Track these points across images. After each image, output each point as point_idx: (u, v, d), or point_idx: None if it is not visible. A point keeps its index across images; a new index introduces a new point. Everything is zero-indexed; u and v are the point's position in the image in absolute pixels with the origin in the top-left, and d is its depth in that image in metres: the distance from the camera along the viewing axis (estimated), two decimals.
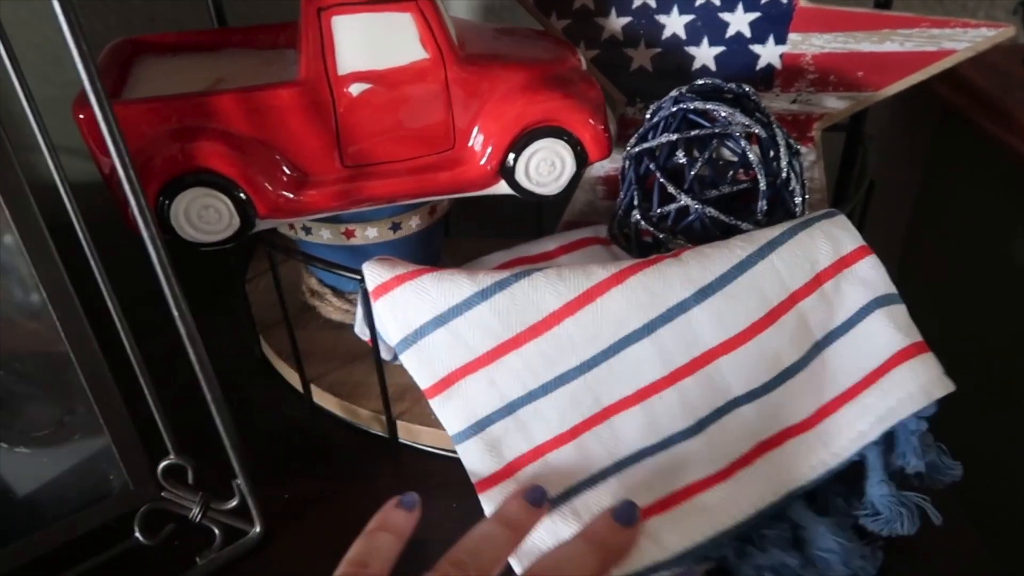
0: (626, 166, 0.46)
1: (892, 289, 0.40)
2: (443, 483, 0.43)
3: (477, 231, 0.62)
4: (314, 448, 0.47)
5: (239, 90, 0.40)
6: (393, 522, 0.34)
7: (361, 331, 0.43)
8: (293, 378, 0.50)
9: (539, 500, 0.35)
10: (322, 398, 0.48)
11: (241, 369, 0.53)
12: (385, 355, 0.42)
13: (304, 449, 0.47)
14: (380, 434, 0.47)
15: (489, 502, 0.38)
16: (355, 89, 0.40)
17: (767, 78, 0.50)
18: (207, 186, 0.40)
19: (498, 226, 0.59)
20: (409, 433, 0.46)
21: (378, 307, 0.38)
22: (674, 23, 0.50)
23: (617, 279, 0.37)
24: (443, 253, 0.55)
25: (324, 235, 0.47)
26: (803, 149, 0.50)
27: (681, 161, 0.42)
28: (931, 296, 0.81)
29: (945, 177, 0.77)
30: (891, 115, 0.77)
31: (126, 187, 0.34)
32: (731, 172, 0.41)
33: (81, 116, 0.38)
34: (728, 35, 0.50)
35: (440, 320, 0.37)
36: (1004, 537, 0.74)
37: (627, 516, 0.34)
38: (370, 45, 0.40)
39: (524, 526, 0.34)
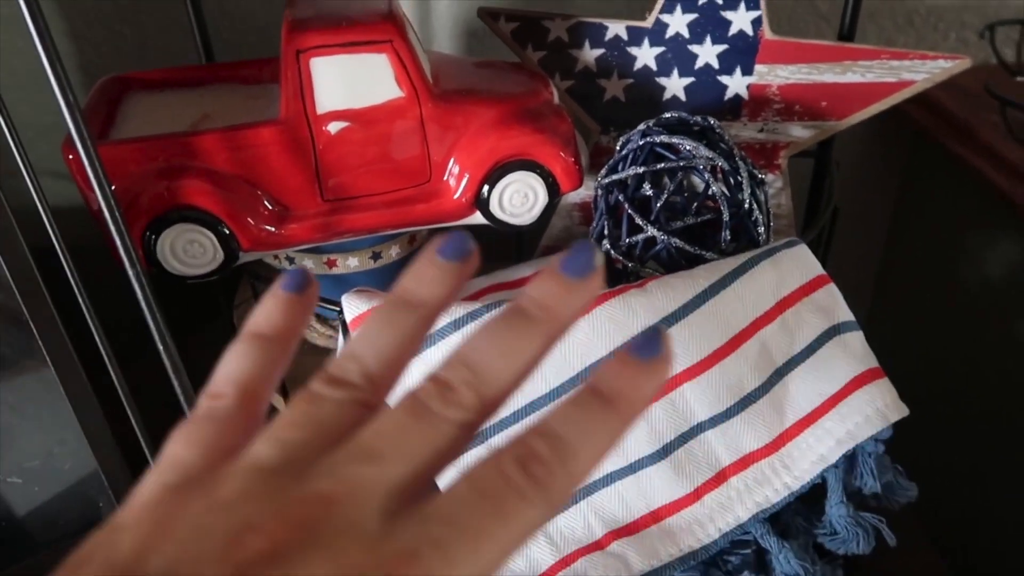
0: (597, 195, 0.47)
1: (850, 316, 0.41)
2: None
3: None
4: None
5: (222, 130, 0.42)
6: (274, 322, 0.24)
7: None
8: (279, 402, 0.51)
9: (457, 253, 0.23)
10: None
11: None
12: None
13: None
14: None
15: None
16: (333, 127, 0.42)
17: (735, 108, 0.52)
18: (192, 222, 0.41)
19: (480, 252, 0.61)
20: None
21: None
22: (645, 55, 0.52)
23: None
24: None
25: (307, 265, 0.48)
26: (770, 177, 0.52)
27: (648, 193, 0.44)
28: (906, 319, 0.83)
29: (918, 200, 0.79)
30: (865, 138, 0.78)
31: (111, 227, 0.35)
32: (696, 203, 0.43)
33: (70, 156, 0.40)
34: (697, 66, 0.52)
35: None
36: (963, 553, 0.75)
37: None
38: (347, 85, 0.41)
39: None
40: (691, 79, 0.52)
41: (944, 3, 0.71)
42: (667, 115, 0.45)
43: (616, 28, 0.52)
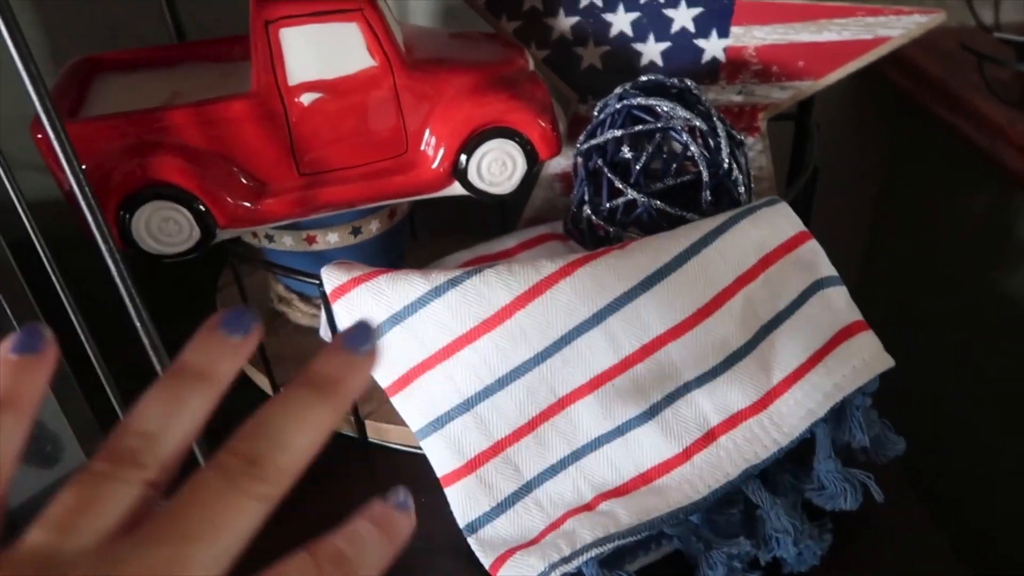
0: (577, 162, 0.47)
1: (833, 272, 0.41)
2: (412, 478, 0.44)
3: (443, 232, 0.63)
4: None
5: (193, 104, 0.41)
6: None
7: (325, 334, 0.44)
8: (265, 383, 0.51)
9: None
10: None
11: None
12: None
13: None
14: (350, 434, 0.48)
15: (455, 496, 0.39)
16: (306, 99, 0.41)
17: (713, 71, 0.52)
18: (166, 199, 0.41)
19: (463, 226, 0.61)
20: (378, 432, 0.47)
21: (337, 309, 0.39)
22: (621, 21, 0.52)
23: (565, 272, 0.38)
24: (408, 255, 0.56)
25: (287, 242, 0.48)
26: (750, 139, 0.51)
27: (627, 156, 0.43)
28: (896, 283, 0.83)
29: (904, 164, 0.79)
30: (849, 105, 0.78)
31: (82, 204, 0.35)
32: (675, 165, 0.43)
33: (39, 136, 0.39)
34: (673, 31, 0.51)
35: (396, 319, 0.38)
36: (950, 508, 0.76)
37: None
38: (318, 55, 0.41)
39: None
40: (668, 44, 0.52)
41: None
42: (644, 78, 0.45)
43: None
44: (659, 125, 0.42)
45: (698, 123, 0.42)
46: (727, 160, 0.42)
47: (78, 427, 0.40)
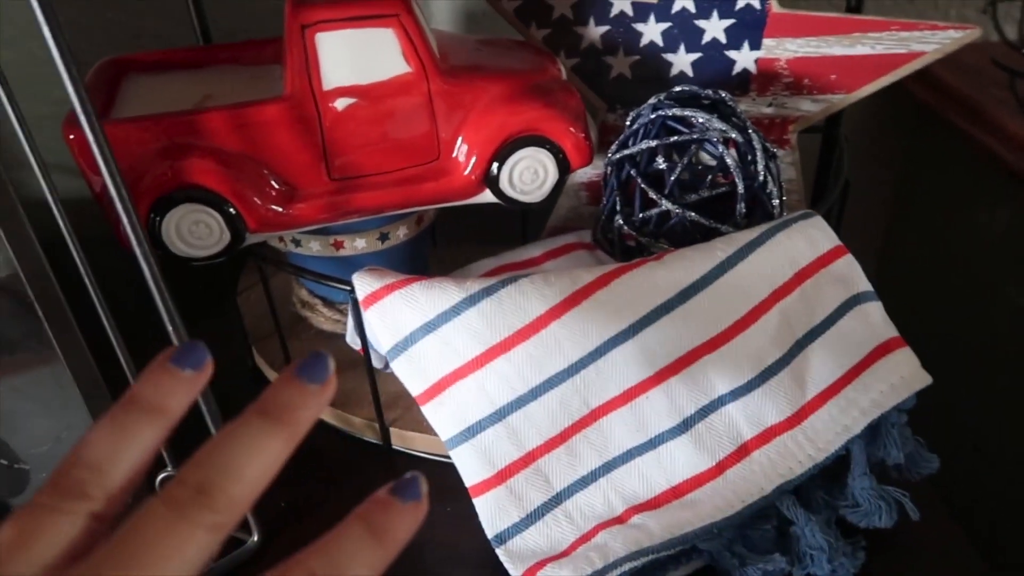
0: (608, 172, 0.47)
1: (868, 287, 0.41)
2: (437, 487, 0.43)
3: (463, 239, 0.63)
4: (309, 457, 0.47)
5: (227, 107, 0.41)
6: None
7: (352, 340, 0.44)
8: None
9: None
10: None
11: (234, 380, 0.53)
12: (377, 363, 0.43)
13: (299, 458, 0.47)
14: (374, 441, 0.47)
15: (483, 506, 0.38)
16: (340, 104, 0.41)
17: (743, 83, 0.51)
18: (197, 202, 0.40)
19: (484, 233, 0.60)
20: (402, 439, 0.47)
21: (368, 316, 0.39)
22: (651, 31, 0.51)
23: (601, 282, 0.38)
24: (431, 262, 0.56)
25: (313, 247, 0.48)
26: (780, 151, 0.51)
27: (661, 167, 0.43)
28: (910, 294, 0.82)
29: (922, 176, 0.79)
30: (868, 116, 0.78)
31: (118, 205, 0.35)
32: (710, 176, 0.42)
33: (72, 136, 0.39)
34: (704, 41, 0.51)
35: (429, 327, 0.38)
36: (986, 527, 0.75)
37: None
38: (354, 60, 0.41)
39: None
40: (698, 54, 0.51)
41: None
42: (678, 88, 0.45)
43: (621, 4, 0.51)
44: (695, 136, 0.42)
45: (734, 135, 0.42)
46: (762, 172, 0.42)
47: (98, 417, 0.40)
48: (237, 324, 0.54)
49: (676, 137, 0.42)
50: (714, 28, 0.51)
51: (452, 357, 0.38)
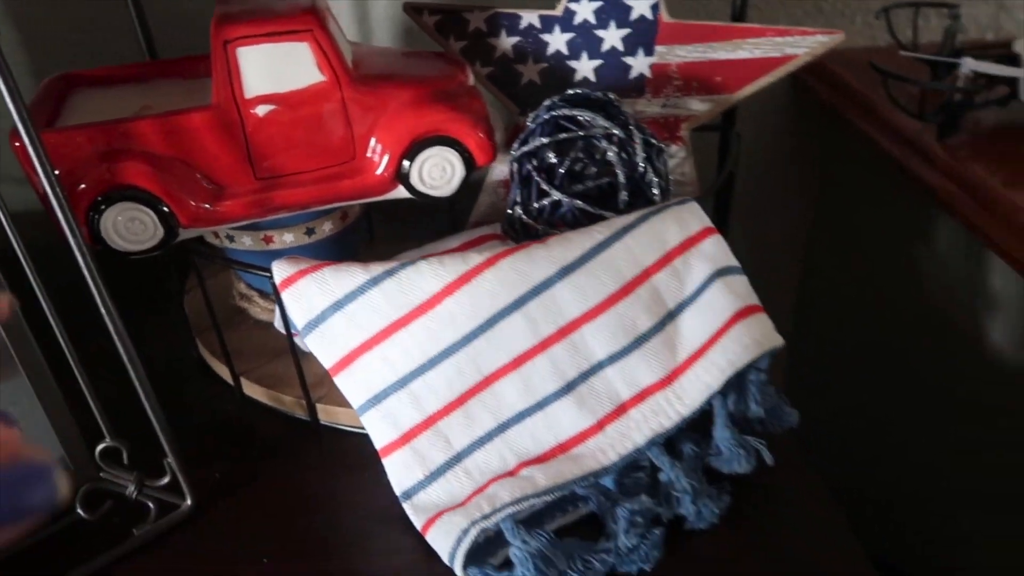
0: (513, 168, 0.51)
1: (735, 262, 0.46)
2: (359, 455, 0.48)
3: (401, 237, 0.68)
4: (244, 434, 0.52)
5: (158, 115, 0.45)
6: None
7: (279, 325, 0.48)
8: (226, 373, 0.55)
9: None
10: (251, 390, 0.53)
11: (181, 370, 0.58)
12: (302, 345, 0.48)
13: (235, 435, 0.52)
14: (303, 418, 0.52)
15: (391, 466, 0.43)
16: (261, 110, 0.46)
17: (639, 86, 0.56)
18: (132, 201, 0.45)
19: (418, 232, 0.65)
20: (328, 415, 0.51)
21: (285, 297, 0.43)
22: (557, 40, 0.56)
23: (490, 262, 0.43)
24: (370, 258, 0.60)
25: (246, 242, 0.52)
26: (673, 147, 0.56)
27: (553, 161, 0.48)
28: (832, 290, 0.88)
29: (835, 175, 0.84)
30: (786, 117, 0.83)
31: (54, 203, 0.39)
32: (595, 169, 0.47)
33: (16, 144, 0.44)
34: (604, 49, 0.56)
35: (338, 305, 0.42)
36: (841, 474, 0.81)
37: None
38: (272, 71, 0.45)
39: None
40: (599, 61, 0.57)
41: None
42: (570, 91, 0.50)
43: (529, 17, 0.56)
44: (581, 133, 0.47)
45: (616, 131, 0.47)
46: (642, 164, 0.47)
47: (46, 401, 0.44)
48: (184, 319, 0.58)
49: (564, 134, 0.47)
50: (612, 37, 0.56)
51: (358, 332, 0.42)
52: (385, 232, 0.68)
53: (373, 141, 0.49)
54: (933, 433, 0.74)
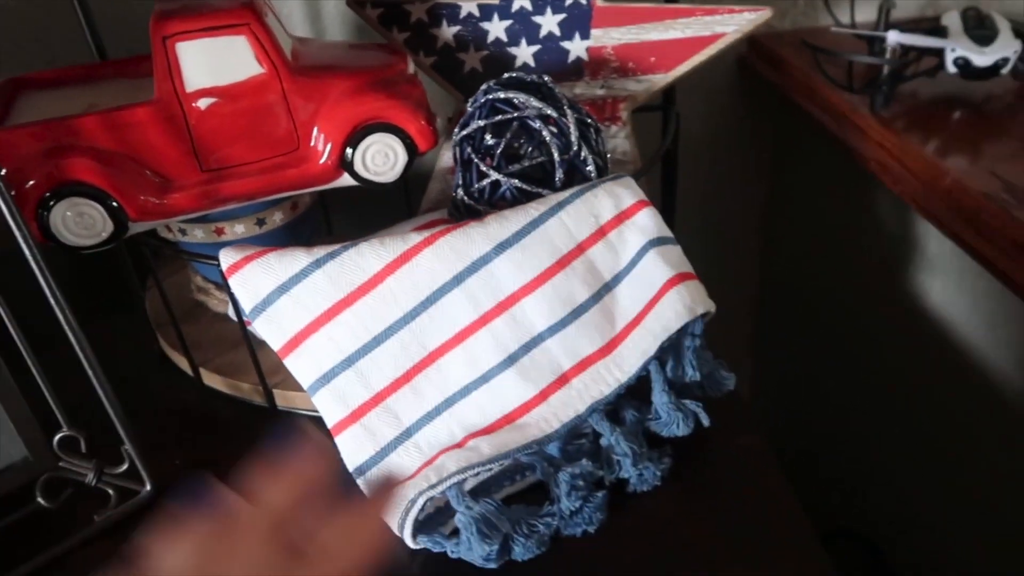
0: (455, 152, 0.53)
1: (668, 233, 0.47)
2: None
3: (358, 227, 0.69)
4: (204, 421, 0.53)
5: (102, 111, 0.46)
6: None
7: (232, 314, 0.49)
8: (185, 364, 0.56)
9: None
10: (211, 379, 0.55)
11: (143, 364, 0.59)
12: (255, 331, 0.49)
13: (195, 423, 0.53)
14: (261, 403, 0.53)
15: (343, 444, 0.44)
16: (203, 103, 0.47)
17: (578, 69, 0.58)
18: (80, 196, 0.46)
19: (376, 222, 0.67)
20: (285, 399, 0.52)
21: (232, 283, 0.44)
22: (496, 28, 0.58)
23: (428, 241, 0.44)
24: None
25: (198, 234, 0.53)
26: (613, 127, 0.58)
27: (490, 143, 0.49)
28: (793, 267, 0.90)
29: (787, 155, 0.86)
30: (735, 100, 0.85)
31: (1, 203, 0.40)
32: (531, 148, 0.49)
33: None
34: (542, 35, 0.58)
35: (283, 288, 0.44)
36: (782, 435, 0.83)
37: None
38: (211, 65, 0.47)
39: None
40: (538, 46, 0.58)
41: None
42: (506, 75, 0.51)
43: (469, 6, 0.58)
44: (515, 115, 0.48)
45: (550, 111, 0.49)
46: (576, 143, 0.49)
47: (20, 423, 0.45)
48: (143, 313, 0.59)
49: (500, 116, 0.49)
50: (549, 23, 0.57)
51: (304, 314, 0.44)
52: (342, 223, 0.69)
53: (315, 130, 0.50)
54: (891, 393, 0.76)
